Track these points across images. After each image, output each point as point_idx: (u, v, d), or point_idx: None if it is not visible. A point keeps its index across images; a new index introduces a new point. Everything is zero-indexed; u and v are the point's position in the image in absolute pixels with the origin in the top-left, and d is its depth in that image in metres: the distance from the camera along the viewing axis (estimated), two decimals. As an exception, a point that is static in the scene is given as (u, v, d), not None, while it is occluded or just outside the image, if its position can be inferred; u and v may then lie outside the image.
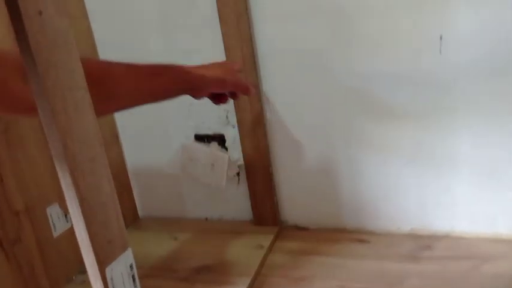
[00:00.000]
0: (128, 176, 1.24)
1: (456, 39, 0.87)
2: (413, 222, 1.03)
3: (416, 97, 0.93)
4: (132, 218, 1.25)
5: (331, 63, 0.96)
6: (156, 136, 1.17)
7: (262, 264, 0.99)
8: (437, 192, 0.98)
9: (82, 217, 0.39)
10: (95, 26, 1.10)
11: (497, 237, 0.97)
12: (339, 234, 1.06)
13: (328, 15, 0.93)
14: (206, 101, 1.07)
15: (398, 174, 1.00)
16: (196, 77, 0.74)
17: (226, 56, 1.00)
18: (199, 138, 1.13)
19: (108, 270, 0.41)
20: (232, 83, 0.79)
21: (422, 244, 0.99)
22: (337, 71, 0.96)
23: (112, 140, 1.19)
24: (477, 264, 0.90)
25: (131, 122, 1.18)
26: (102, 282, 0.41)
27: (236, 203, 1.16)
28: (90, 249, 0.40)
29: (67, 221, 1.02)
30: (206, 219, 1.22)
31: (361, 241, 1.03)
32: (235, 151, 1.11)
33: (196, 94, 0.76)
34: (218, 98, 0.81)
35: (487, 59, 0.86)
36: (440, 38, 0.87)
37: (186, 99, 1.09)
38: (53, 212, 0.99)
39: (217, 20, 0.98)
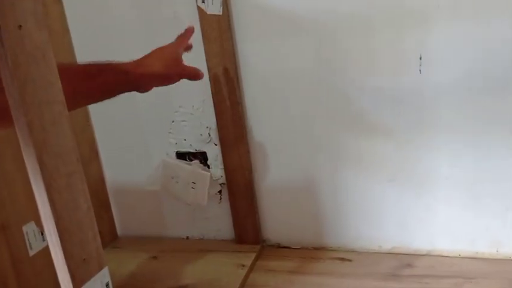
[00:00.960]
0: (106, 193, 1.22)
1: (435, 59, 0.88)
2: (394, 241, 1.03)
3: (398, 116, 0.94)
4: (110, 237, 1.23)
5: (314, 81, 0.97)
6: (137, 153, 1.16)
7: (243, 284, 0.98)
8: (418, 210, 0.99)
9: (58, 235, 0.38)
10: (76, 41, 1.10)
11: (478, 255, 0.98)
12: (320, 253, 1.06)
13: (311, 34, 0.94)
14: (189, 118, 1.08)
15: (379, 193, 1.00)
16: (136, 77, 0.71)
17: (209, 73, 1.00)
18: (181, 155, 1.12)
19: (83, 290, 0.40)
20: (177, 74, 0.76)
21: (403, 263, 0.99)
22: (319, 89, 0.97)
23: (91, 156, 1.17)
24: (458, 283, 0.90)
25: (111, 137, 1.17)
26: (77, 302, 0.40)
27: (217, 221, 1.15)
28: (66, 267, 0.39)
29: (43, 240, 1.00)
30: (187, 238, 1.20)
31: (343, 260, 1.03)
32: (217, 169, 1.10)
33: (139, 91, 0.74)
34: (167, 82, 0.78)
35: (465, 79, 0.88)
36: (420, 58, 0.89)
37: (168, 116, 1.09)
38: (29, 230, 0.97)
39: (201, 36, 0.98)
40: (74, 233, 0.39)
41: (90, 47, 1.09)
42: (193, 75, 0.79)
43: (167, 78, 0.75)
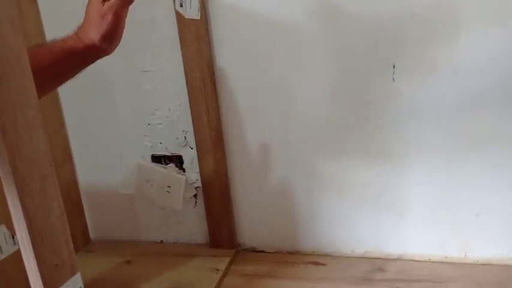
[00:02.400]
0: (79, 196, 1.20)
1: (407, 68, 0.90)
2: (367, 245, 1.05)
3: (372, 122, 0.96)
4: (83, 241, 1.21)
5: (291, 88, 0.98)
6: (111, 155, 1.15)
7: (217, 288, 0.98)
8: (391, 215, 1.01)
9: (30, 240, 0.37)
10: (51, 42, 1.08)
11: (447, 260, 1.00)
12: (294, 257, 1.07)
13: (288, 39, 0.95)
14: (165, 121, 1.08)
15: (353, 199, 1.02)
16: (82, 50, 0.69)
17: (186, 77, 1.00)
18: (157, 158, 1.12)
19: (55, 296, 0.40)
20: (113, 13, 0.69)
21: (376, 267, 1.01)
22: (295, 94, 0.98)
23: (64, 158, 1.15)
24: (428, 287, 0.92)
25: (86, 139, 1.15)
26: (49, 308, 0.39)
27: (192, 225, 1.15)
28: (38, 273, 0.38)
29: (14, 243, 0.97)
30: (161, 242, 1.19)
31: (317, 264, 1.04)
32: (193, 172, 1.10)
33: (103, 55, 0.72)
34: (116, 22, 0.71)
35: (438, 90, 0.90)
36: (393, 66, 0.91)
37: (144, 119, 1.09)
38: (0, 233, 0.94)
39: (178, 41, 0.98)
40: (46, 238, 0.39)
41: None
42: (126, 1, 0.70)
43: (108, 31, 0.69)
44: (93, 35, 0.69)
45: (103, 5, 0.69)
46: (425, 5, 0.86)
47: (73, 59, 0.70)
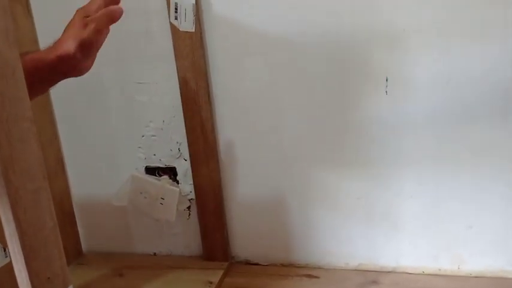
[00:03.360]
0: (72, 208, 1.19)
1: (401, 82, 0.91)
2: (361, 258, 1.04)
3: (365, 137, 0.96)
4: (75, 253, 1.20)
5: (284, 99, 0.98)
6: (105, 167, 1.14)
7: (210, 301, 0.97)
8: (384, 228, 1.01)
9: (22, 253, 0.37)
10: (46, 54, 1.08)
11: (441, 272, 1.00)
12: (288, 270, 1.06)
13: (282, 52, 0.96)
14: (159, 133, 1.08)
15: (346, 212, 1.02)
16: (53, 61, 0.65)
17: (181, 89, 1.00)
18: (150, 170, 1.11)
19: (47, 309, 0.39)
20: (94, 31, 0.66)
21: (369, 279, 1.00)
22: (290, 107, 0.99)
23: (57, 170, 1.15)
24: (421, 300, 0.93)
25: (79, 151, 1.15)
26: (40, 322, 0.39)
27: (186, 237, 1.14)
28: (29, 286, 0.38)
29: (6, 256, 0.97)
30: (154, 254, 1.18)
31: (310, 276, 1.04)
32: (186, 184, 1.10)
33: (74, 74, 0.69)
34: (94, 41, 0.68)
35: (429, 103, 0.91)
36: (386, 80, 0.92)
37: (138, 130, 1.09)
38: (-10, 245, 0.94)
39: (173, 53, 0.98)
40: (39, 251, 0.38)
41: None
42: (110, 18, 0.67)
43: (87, 40, 0.66)
44: (70, 44, 0.66)
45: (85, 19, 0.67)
46: (417, 19, 0.87)
47: (42, 69, 0.66)
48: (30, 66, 0.65)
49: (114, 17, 0.66)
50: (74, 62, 0.67)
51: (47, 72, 0.67)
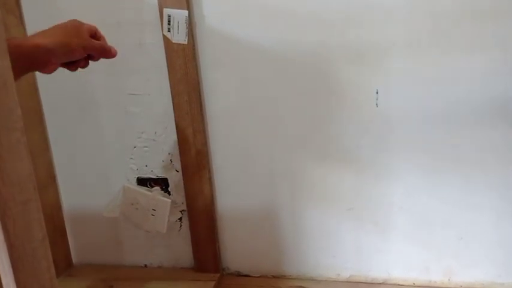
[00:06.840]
0: (62, 219, 1.18)
1: (391, 93, 0.92)
2: (352, 269, 1.04)
3: (356, 148, 0.97)
4: (65, 264, 1.19)
5: (276, 110, 0.99)
6: (96, 178, 1.14)
7: (201, 313, 0.97)
8: (375, 239, 1.01)
9: (10, 265, 0.37)
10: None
11: (431, 284, 1.00)
12: (279, 282, 1.06)
13: (274, 64, 0.96)
14: (150, 144, 1.08)
15: (337, 223, 1.02)
16: (29, 48, 0.62)
17: (173, 100, 1.01)
18: (142, 181, 1.11)
19: (35, 322, 0.39)
20: (80, 46, 0.66)
21: (361, 291, 1.00)
22: (281, 119, 0.99)
23: (48, 181, 1.14)
24: (412, 312, 0.92)
25: (70, 162, 1.14)
26: (28, 336, 0.38)
27: (177, 249, 1.14)
28: (17, 299, 0.37)
29: (-7, 268, 0.95)
30: (145, 266, 1.18)
31: (302, 288, 1.04)
32: (178, 196, 1.09)
33: (40, 68, 0.65)
34: (74, 64, 0.69)
35: (419, 114, 0.92)
36: (377, 92, 0.93)
37: (130, 141, 1.09)
38: (-22, 257, 0.92)
39: (166, 65, 0.99)
40: (27, 263, 0.38)
41: (53, 74, 1.08)
42: (102, 51, 0.69)
43: (68, 48, 0.65)
44: (50, 39, 0.64)
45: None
46: (407, 33, 0.89)
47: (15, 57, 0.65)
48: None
49: (110, 53, 0.71)
50: (49, 54, 0.64)
51: (19, 60, 0.62)
